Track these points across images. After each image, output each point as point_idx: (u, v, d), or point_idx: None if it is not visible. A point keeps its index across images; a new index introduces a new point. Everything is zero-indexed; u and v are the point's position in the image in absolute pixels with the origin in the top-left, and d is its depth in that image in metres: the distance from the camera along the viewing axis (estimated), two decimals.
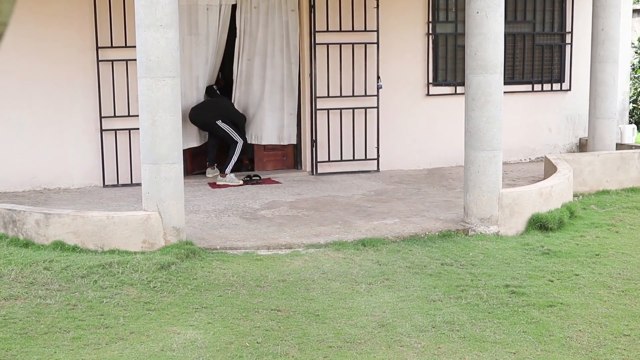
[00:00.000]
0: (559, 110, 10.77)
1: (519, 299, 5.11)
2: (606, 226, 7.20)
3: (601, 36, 8.88)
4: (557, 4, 10.61)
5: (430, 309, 4.95)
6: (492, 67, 6.63)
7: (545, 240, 6.66)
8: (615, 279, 5.58)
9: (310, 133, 9.72)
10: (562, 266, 5.89)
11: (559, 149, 10.79)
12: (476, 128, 6.74)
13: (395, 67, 9.92)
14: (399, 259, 6.06)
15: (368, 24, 9.67)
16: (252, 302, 5.12)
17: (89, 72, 8.87)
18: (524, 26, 10.33)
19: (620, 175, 8.82)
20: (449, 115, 10.15)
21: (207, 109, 9.15)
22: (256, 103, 9.63)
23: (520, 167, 10.14)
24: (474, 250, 6.34)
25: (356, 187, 8.89)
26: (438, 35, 10.07)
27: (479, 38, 6.62)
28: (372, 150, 9.85)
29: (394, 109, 9.97)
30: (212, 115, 9.11)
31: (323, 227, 6.99)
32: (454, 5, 10.07)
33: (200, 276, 5.64)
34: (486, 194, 6.78)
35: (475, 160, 6.77)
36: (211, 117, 9.11)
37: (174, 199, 6.26)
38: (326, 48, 9.57)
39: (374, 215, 7.39)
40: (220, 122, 9.07)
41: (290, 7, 9.56)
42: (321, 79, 9.61)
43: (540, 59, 10.60)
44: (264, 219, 7.37)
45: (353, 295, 5.25)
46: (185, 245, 6.19)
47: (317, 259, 6.08)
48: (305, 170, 9.88)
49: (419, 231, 6.76)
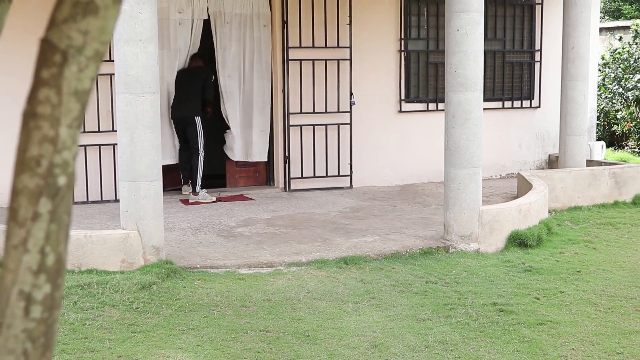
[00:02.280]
0: (528, 127, 10.88)
1: (508, 317, 5.10)
2: (583, 242, 7.26)
3: (572, 54, 8.99)
4: (526, 23, 10.75)
5: (421, 328, 4.91)
6: (472, 85, 6.65)
7: (526, 257, 6.68)
8: (600, 296, 5.61)
9: (283, 149, 9.65)
10: (546, 283, 5.91)
11: (529, 165, 10.89)
12: (456, 145, 6.75)
13: (367, 83, 9.92)
14: (382, 277, 6.01)
15: (341, 40, 9.66)
16: (239, 322, 5.02)
17: None
18: (494, 44, 10.43)
19: (591, 192, 8.93)
20: (421, 131, 10.18)
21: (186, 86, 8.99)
22: (232, 119, 9.54)
23: (492, 183, 10.20)
24: (456, 267, 6.33)
25: (331, 204, 8.84)
26: (410, 52, 10.11)
27: (459, 56, 6.64)
28: (345, 166, 9.83)
29: (366, 126, 9.96)
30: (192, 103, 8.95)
31: (303, 244, 6.91)
32: (425, 22, 10.13)
33: (183, 296, 5.52)
34: (466, 211, 6.78)
35: (455, 177, 6.77)
36: (191, 107, 8.95)
37: (153, 217, 6.13)
38: (299, 64, 9.53)
39: (353, 233, 7.35)
40: (199, 119, 8.97)
41: (263, 23, 9.51)
42: (294, 95, 9.56)
43: (511, 77, 10.72)
44: (241, 236, 7.27)
45: (341, 314, 5.18)
46: (165, 265, 6.06)
47: (301, 278, 6.00)
48: (278, 187, 9.80)
49: (400, 249, 6.73)
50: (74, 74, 1.29)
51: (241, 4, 9.42)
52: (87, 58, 1.30)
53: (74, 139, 1.30)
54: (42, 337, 1.30)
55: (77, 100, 1.30)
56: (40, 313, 1.29)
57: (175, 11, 9.10)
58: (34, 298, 1.28)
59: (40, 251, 1.28)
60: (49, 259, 1.29)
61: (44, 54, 1.30)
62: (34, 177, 1.27)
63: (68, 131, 1.30)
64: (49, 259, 1.29)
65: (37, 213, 1.27)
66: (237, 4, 9.39)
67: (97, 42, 1.31)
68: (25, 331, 1.29)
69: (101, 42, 1.32)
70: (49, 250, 1.29)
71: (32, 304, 1.28)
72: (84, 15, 1.28)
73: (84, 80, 1.30)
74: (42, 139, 1.29)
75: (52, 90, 1.28)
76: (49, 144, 1.28)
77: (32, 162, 1.28)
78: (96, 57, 1.31)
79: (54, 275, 1.30)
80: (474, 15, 6.62)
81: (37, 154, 1.28)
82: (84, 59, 1.30)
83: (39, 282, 1.28)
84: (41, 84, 1.29)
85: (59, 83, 1.29)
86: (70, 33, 1.28)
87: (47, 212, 1.28)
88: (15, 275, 1.27)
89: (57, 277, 1.31)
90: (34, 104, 1.29)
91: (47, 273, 1.29)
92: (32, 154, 1.28)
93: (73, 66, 1.29)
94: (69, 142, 1.30)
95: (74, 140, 1.30)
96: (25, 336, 1.29)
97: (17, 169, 1.30)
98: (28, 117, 1.30)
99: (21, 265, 1.28)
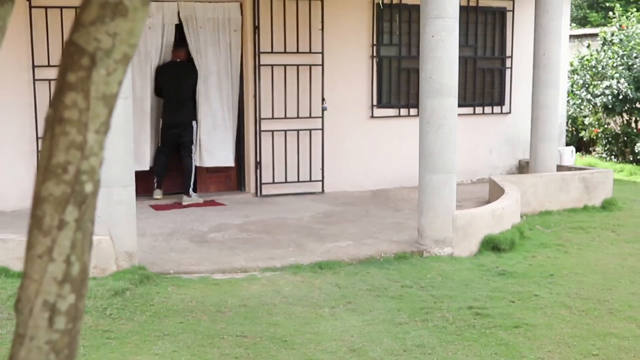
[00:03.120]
0: (499, 133, 10.96)
1: (484, 320, 5.11)
2: (555, 246, 7.31)
3: (543, 61, 9.08)
4: (497, 29, 10.83)
5: (399, 332, 4.89)
6: (447, 91, 6.68)
7: (499, 261, 6.71)
8: (573, 299, 5.65)
9: (254, 155, 9.61)
10: (520, 287, 5.93)
11: (499, 170, 10.97)
12: (431, 151, 6.76)
13: (340, 89, 9.92)
14: (358, 282, 6.00)
15: (313, 45, 9.65)
16: (216, 328, 4.96)
17: (24, 92, 8.57)
18: (466, 50, 10.49)
19: (561, 196, 9.01)
20: (393, 137, 10.20)
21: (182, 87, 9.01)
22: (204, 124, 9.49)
23: (463, 188, 10.24)
24: (431, 272, 6.33)
25: (303, 209, 8.81)
26: (382, 58, 10.13)
27: (434, 62, 6.67)
28: (317, 171, 9.81)
29: (338, 131, 9.95)
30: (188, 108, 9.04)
31: (277, 250, 6.87)
32: (397, 28, 10.15)
33: (157, 302, 5.45)
34: (441, 216, 6.79)
35: (430, 182, 6.78)
36: (187, 113, 9.02)
37: (126, 223, 6.06)
38: (270, 69, 9.50)
39: (327, 238, 7.32)
40: (195, 123, 9.01)
41: (233, 28, 9.47)
42: (265, 101, 9.53)
43: (482, 83, 10.79)
44: (214, 242, 7.21)
45: (318, 319, 5.15)
46: (138, 270, 5.99)
47: (276, 283, 5.96)
48: (250, 192, 9.75)
49: (375, 253, 6.72)
50: (102, 78, 1.25)
51: (212, 8, 9.36)
52: (115, 61, 1.26)
53: (101, 145, 1.27)
54: (65, 349, 1.26)
55: (105, 104, 1.26)
56: (65, 324, 1.25)
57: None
58: (58, 309, 1.24)
59: (66, 260, 1.24)
60: (74, 268, 1.25)
61: (70, 57, 1.25)
62: (60, 184, 1.23)
63: (95, 137, 1.26)
64: (74, 268, 1.25)
65: (63, 221, 1.23)
66: (208, 8, 9.34)
67: (126, 44, 1.27)
68: (49, 342, 1.24)
69: (130, 45, 1.28)
70: (75, 259, 1.25)
71: (57, 315, 1.24)
72: (112, 18, 1.24)
73: (112, 84, 1.26)
74: (69, 144, 1.24)
75: (79, 95, 1.24)
76: (76, 150, 1.24)
77: (59, 169, 1.24)
78: (124, 60, 1.28)
79: (78, 285, 1.27)
80: (449, 22, 6.65)
81: (63, 161, 1.24)
82: (112, 62, 1.26)
83: (63, 293, 1.24)
84: (68, 88, 1.24)
85: (86, 87, 1.24)
86: (98, 35, 1.24)
87: (73, 220, 1.24)
88: (39, 285, 1.23)
89: (82, 287, 1.28)
90: (60, 108, 1.25)
91: (72, 283, 1.25)
92: (58, 161, 1.24)
93: (101, 69, 1.25)
94: (96, 148, 1.26)
95: (101, 146, 1.27)
96: (49, 348, 1.25)
97: (41, 176, 1.25)
98: (54, 123, 1.25)
99: (46, 275, 1.23)
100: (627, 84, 12.66)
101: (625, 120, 13.45)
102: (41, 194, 1.24)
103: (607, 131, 13.57)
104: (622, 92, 12.71)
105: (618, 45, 13.34)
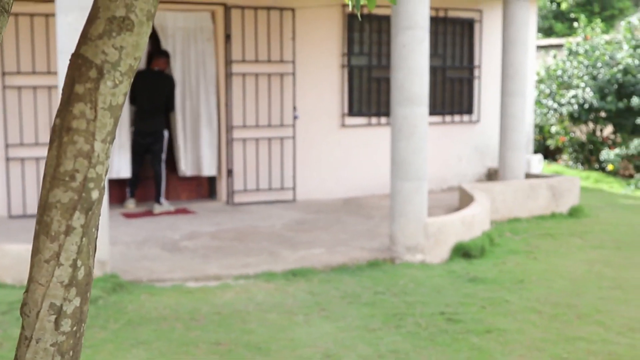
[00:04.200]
0: (468, 141, 11.10)
1: (456, 326, 5.19)
2: (524, 253, 7.43)
3: (510, 71, 9.22)
4: (466, 40, 10.98)
5: (372, 338, 4.95)
6: (418, 100, 6.77)
7: (470, 267, 6.80)
8: (543, 304, 5.75)
9: (226, 162, 9.63)
10: (491, 292, 6.02)
11: (469, 178, 11.10)
12: (402, 159, 6.84)
13: (311, 97, 9.98)
14: (331, 289, 6.05)
15: (284, 54, 9.70)
16: (190, 336, 4.98)
17: None
18: (435, 60, 10.61)
19: (529, 204, 9.15)
20: (364, 145, 10.28)
21: (155, 96, 8.98)
22: (179, 132, 9.52)
23: (433, 196, 10.35)
24: (403, 278, 6.40)
25: (276, 217, 8.84)
26: (353, 67, 10.21)
27: (405, 71, 6.75)
28: (288, 179, 9.85)
29: (310, 139, 10.01)
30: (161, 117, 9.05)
31: (250, 257, 6.90)
32: (368, 38, 10.25)
33: (130, 310, 5.45)
34: (412, 223, 6.87)
35: (401, 190, 6.86)
36: (160, 122, 9.04)
37: (99, 231, 6.04)
38: (242, 78, 9.53)
39: (299, 245, 7.36)
40: (167, 132, 9.06)
41: (206, 37, 9.49)
42: (237, 109, 9.56)
43: (451, 92, 10.92)
44: (186, 250, 7.21)
45: (292, 326, 5.19)
46: (110, 279, 5.99)
47: (249, 290, 5.99)
48: (221, 200, 9.76)
49: (347, 260, 6.78)
50: (109, 89, 1.31)
51: (184, 18, 9.39)
52: (121, 73, 1.33)
53: (107, 154, 1.32)
54: (70, 351, 1.30)
55: (112, 115, 1.32)
56: (70, 326, 1.29)
57: None
58: (64, 311, 1.29)
59: (73, 265, 1.29)
60: (80, 272, 1.30)
61: (78, 69, 1.31)
62: (68, 191, 1.28)
63: (102, 146, 1.31)
64: (80, 272, 1.30)
65: (70, 227, 1.28)
66: (179, 17, 9.36)
67: (132, 57, 1.33)
68: (55, 345, 1.29)
69: (135, 57, 1.34)
70: (81, 263, 1.30)
71: (63, 318, 1.29)
72: (119, 32, 1.31)
73: (119, 95, 1.32)
74: (77, 153, 1.29)
75: (87, 105, 1.30)
76: (83, 159, 1.29)
77: (67, 177, 1.28)
78: (129, 72, 1.34)
79: (83, 288, 1.31)
80: (419, 32, 6.74)
81: (71, 169, 1.28)
82: (118, 74, 1.32)
83: (70, 296, 1.28)
84: (76, 99, 1.30)
85: (94, 98, 1.30)
86: (105, 49, 1.30)
87: (80, 226, 1.29)
88: (46, 289, 1.27)
89: (87, 291, 1.32)
90: (68, 118, 1.30)
91: (77, 286, 1.29)
92: (66, 169, 1.28)
93: (108, 81, 1.31)
94: (102, 156, 1.31)
95: (107, 154, 1.32)
96: (55, 350, 1.29)
97: (48, 184, 1.29)
98: (61, 132, 1.30)
99: (53, 279, 1.28)
100: (593, 93, 12.89)
101: (591, 129, 13.68)
102: (49, 201, 1.28)
103: (573, 140, 13.80)
104: (587, 101, 12.94)
105: (583, 55, 13.58)
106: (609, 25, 19.93)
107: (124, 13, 1.31)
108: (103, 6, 1.31)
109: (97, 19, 1.32)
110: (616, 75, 12.73)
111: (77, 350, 1.33)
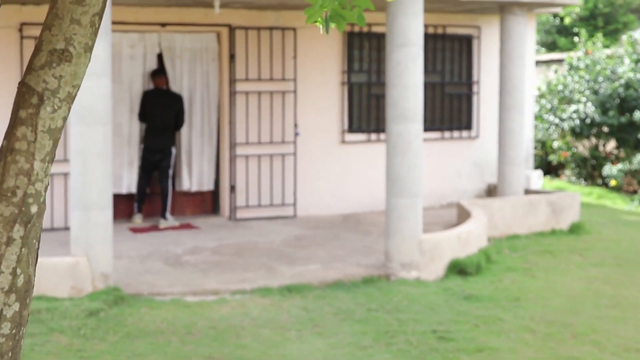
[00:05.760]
0: (467, 157, 11.18)
1: (447, 344, 5.27)
2: (521, 270, 7.48)
3: (508, 86, 9.33)
4: (464, 55, 11.10)
5: (363, 355, 5.05)
6: (413, 116, 6.89)
7: (465, 285, 6.88)
8: (538, 323, 5.81)
9: (229, 179, 9.77)
10: (485, 310, 6.10)
11: (468, 194, 11.18)
12: (397, 175, 6.96)
13: (312, 114, 10.12)
14: (325, 305, 6.15)
15: (286, 72, 9.86)
16: (185, 349, 5.10)
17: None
18: (433, 76, 10.74)
19: (529, 220, 9.21)
20: (364, 161, 10.40)
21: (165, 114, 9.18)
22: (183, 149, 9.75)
23: (432, 212, 10.44)
24: (397, 295, 6.49)
25: (275, 233, 8.96)
26: (353, 85, 10.35)
27: (400, 88, 6.88)
28: (289, 195, 9.98)
29: (310, 156, 10.14)
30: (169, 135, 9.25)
31: (248, 273, 7.02)
32: (367, 56, 10.39)
33: (129, 323, 5.59)
34: (407, 240, 6.98)
35: (396, 206, 6.97)
36: (168, 139, 9.23)
37: (103, 245, 6.27)
38: (245, 96, 9.70)
39: (297, 261, 7.48)
40: (174, 149, 9.25)
41: (211, 57, 9.73)
42: (240, 126, 9.72)
43: (450, 107, 11.03)
44: (188, 264, 7.35)
45: (284, 342, 5.30)
46: (113, 292, 6.16)
47: (245, 305, 6.11)
48: (224, 216, 9.90)
49: (342, 277, 6.89)
50: (48, 114, 1.47)
51: (190, 39, 9.63)
52: (60, 100, 1.49)
53: (46, 172, 1.47)
54: (10, 352, 1.43)
55: (50, 137, 1.48)
56: (10, 329, 1.42)
57: (127, 46, 9.29)
58: (4, 315, 1.42)
59: (12, 273, 1.42)
60: (19, 279, 1.43)
61: (22, 96, 1.48)
62: (10, 205, 1.42)
63: (41, 165, 1.46)
64: (19, 279, 1.43)
65: (11, 238, 1.42)
66: (186, 39, 9.60)
67: (70, 85, 1.50)
68: None
69: (73, 85, 1.51)
70: (20, 272, 1.43)
71: (3, 321, 1.42)
72: (59, 62, 1.48)
73: (57, 119, 1.48)
74: (19, 171, 1.45)
75: (28, 129, 1.45)
76: (24, 176, 1.44)
77: (8, 192, 1.43)
78: (68, 98, 1.50)
79: (23, 295, 1.44)
80: (414, 50, 6.88)
81: (12, 185, 1.43)
82: (57, 101, 1.49)
83: (9, 301, 1.42)
84: (19, 123, 1.46)
85: (35, 122, 1.46)
86: (46, 78, 1.47)
87: (19, 237, 1.43)
88: None
89: (26, 297, 1.45)
90: (12, 140, 1.45)
91: (17, 293, 1.43)
92: (8, 185, 1.43)
93: (48, 107, 1.47)
94: (41, 174, 1.46)
95: (45, 173, 1.47)
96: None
97: None
98: (6, 152, 1.46)
99: None
100: (594, 108, 12.96)
101: (593, 144, 13.74)
102: None
103: (576, 155, 13.85)
104: (589, 116, 13.01)
105: (584, 70, 13.66)
106: (614, 39, 20.00)
107: (63, 46, 1.48)
108: (46, 39, 1.48)
109: (40, 51, 1.49)
110: (618, 89, 12.81)
111: (16, 352, 1.46)
